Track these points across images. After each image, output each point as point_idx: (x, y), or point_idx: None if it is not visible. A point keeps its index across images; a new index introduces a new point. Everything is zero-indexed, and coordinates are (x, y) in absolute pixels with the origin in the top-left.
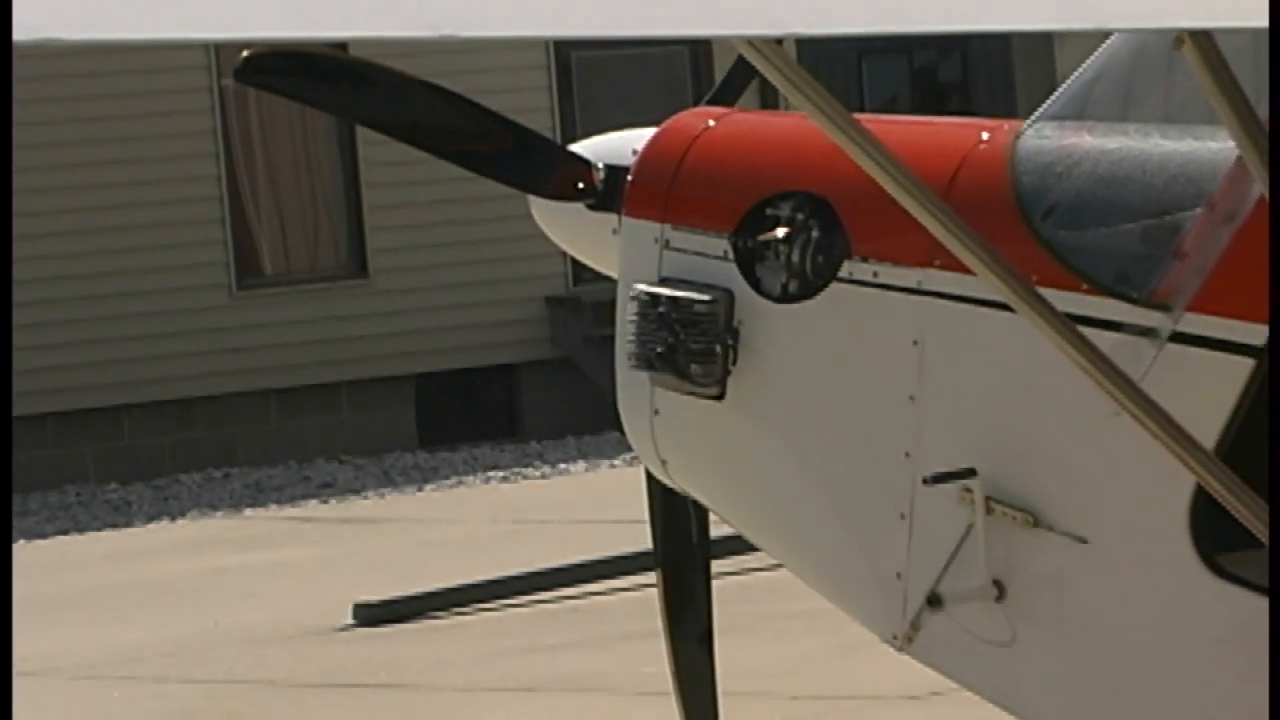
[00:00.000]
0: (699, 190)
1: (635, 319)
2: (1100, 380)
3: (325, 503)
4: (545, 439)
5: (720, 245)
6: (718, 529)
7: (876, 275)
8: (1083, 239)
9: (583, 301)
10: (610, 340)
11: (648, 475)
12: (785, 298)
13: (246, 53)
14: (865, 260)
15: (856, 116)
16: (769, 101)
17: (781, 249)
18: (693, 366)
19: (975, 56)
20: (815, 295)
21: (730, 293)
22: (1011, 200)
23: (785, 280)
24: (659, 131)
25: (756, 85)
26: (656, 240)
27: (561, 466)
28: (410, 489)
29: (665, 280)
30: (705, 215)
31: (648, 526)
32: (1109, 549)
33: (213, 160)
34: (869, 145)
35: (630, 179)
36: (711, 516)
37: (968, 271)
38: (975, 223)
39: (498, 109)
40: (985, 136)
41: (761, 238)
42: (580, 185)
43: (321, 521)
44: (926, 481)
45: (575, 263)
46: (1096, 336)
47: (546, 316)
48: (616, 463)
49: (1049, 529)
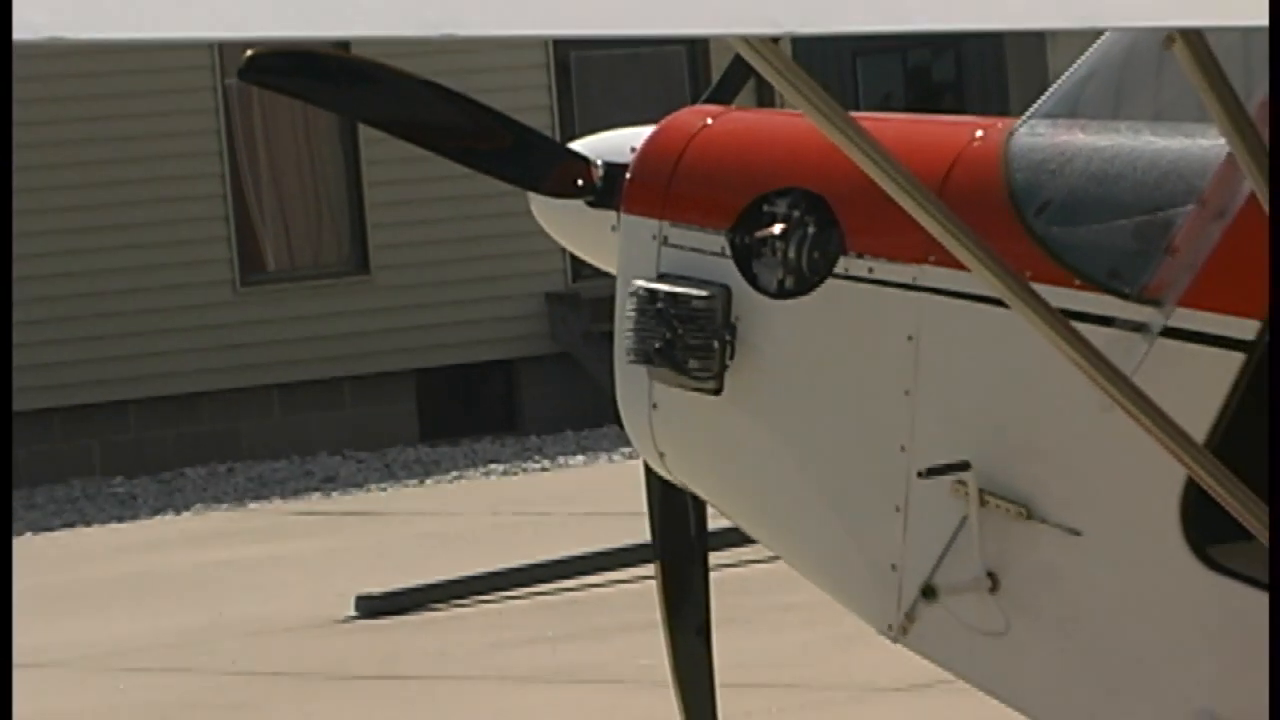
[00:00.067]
0: (697, 187)
1: (634, 314)
2: (1093, 375)
3: (328, 496)
4: (545, 433)
5: (718, 242)
6: (715, 522)
7: (872, 271)
8: (1075, 235)
9: (582, 297)
10: (609, 336)
11: (646, 469)
12: (782, 293)
13: (250, 52)
14: (861, 256)
15: (852, 115)
16: (766, 100)
17: (778, 245)
18: (690, 361)
19: (968, 55)
20: (811, 291)
21: (728, 288)
22: (1005, 197)
23: (782, 276)
24: (657, 129)
25: (753, 84)
26: (655, 237)
27: (561, 460)
28: (411, 483)
29: (663, 276)
30: (703, 212)
31: (646, 519)
32: (1101, 541)
33: (216, 158)
34: (864, 143)
35: (629, 176)
36: (709, 509)
37: (962, 267)
38: (969, 219)
39: (498, 107)
40: (979, 134)
41: (758, 234)
42: (579, 182)
43: (324, 515)
44: (921, 474)
45: (574, 259)
46: (1089, 331)
47: (546, 312)
48: (615, 457)
49: (1042, 521)
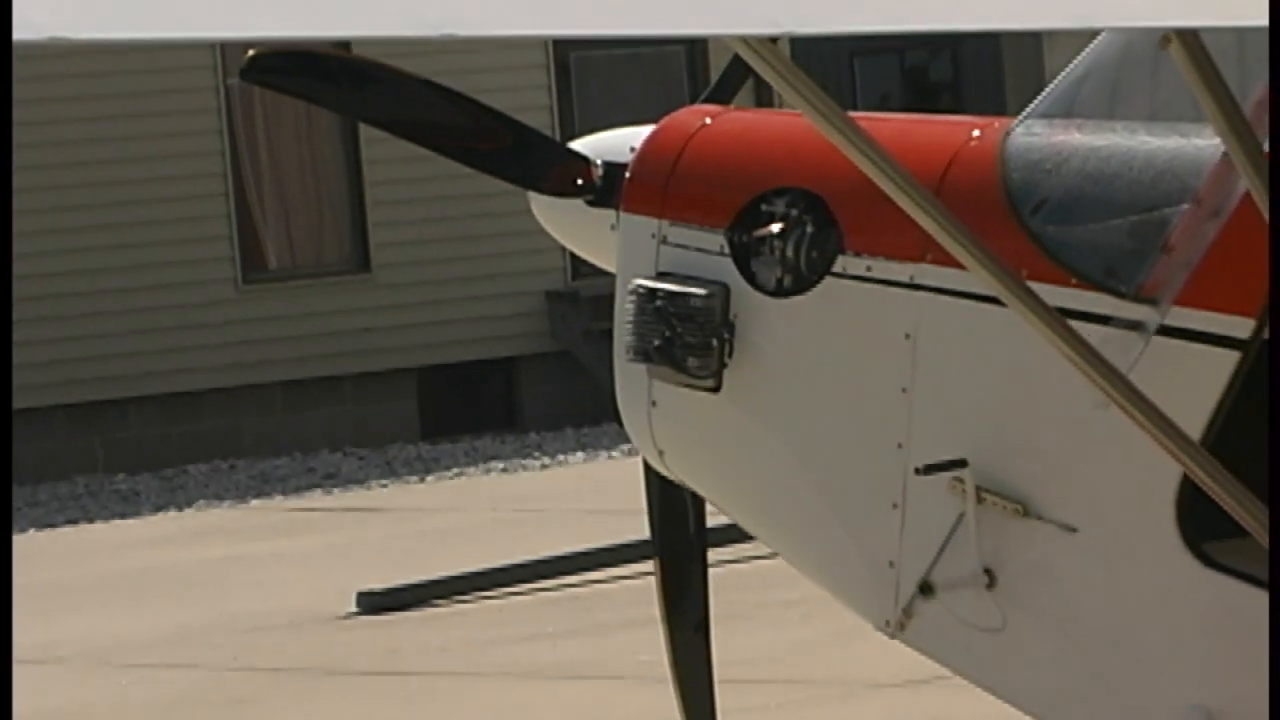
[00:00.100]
0: (695, 186)
1: (633, 313)
2: (1089, 372)
3: (329, 493)
4: (544, 430)
5: (716, 240)
6: (714, 518)
7: (870, 270)
8: (1071, 234)
9: (581, 296)
10: (608, 334)
11: (645, 466)
12: (780, 292)
13: (252, 52)
14: (859, 255)
15: (850, 114)
16: (764, 100)
17: (776, 244)
18: (689, 359)
19: (965, 56)
20: (809, 289)
21: (726, 287)
22: (1002, 196)
23: (780, 275)
24: (656, 129)
25: (752, 84)
26: (654, 236)
27: (560, 457)
28: (412, 479)
29: (662, 275)
30: (702, 211)
31: (645, 516)
32: (1097, 538)
33: (219, 158)
34: (862, 142)
35: (628, 176)
36: (708, 506)
37: (959, 266)
38: (966, 218)
39: (498, 107)
40: (976, 134)
41: (757, 233)
42: (579, 182)
43: (326, 511)
44: (919, 472)
45: (574, 258)
46: (1086, 330)
47: (546, 310)
48: (614, 454)
49: (1039, 518)
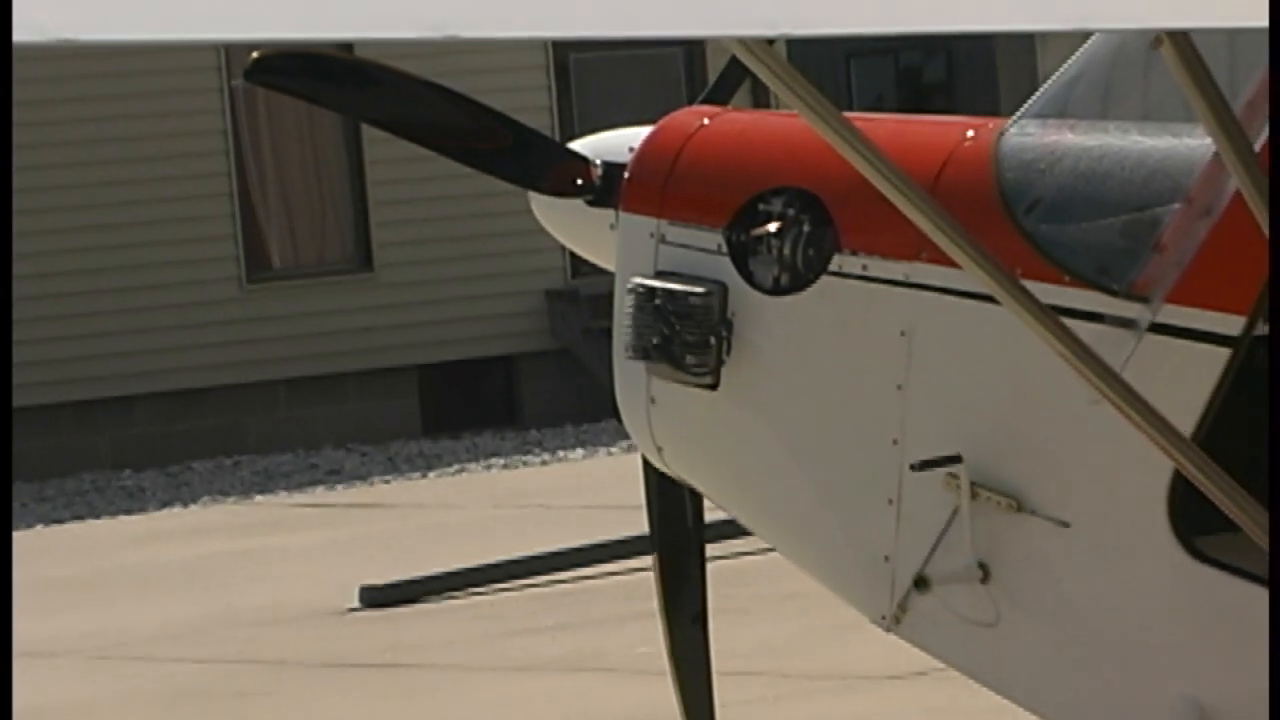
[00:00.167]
0: (694, 186)
1: (632, 311)
2: (1081, 369)
3: (332, 489)
4: (544, 427)
5: (714, 239)
6: (712, 514)
7: (865, 268)
8: (1065, 233)
9: (581, 294)
10: (607, 332)
11: (644, 462)
12: (777, 290)
13: (256, 54)
14: (855, 254)
15: (845, 115)
16: (761, 101)
17: (773, 243)
18: (688, 357)
19: (959, 57)
20: (806, 288)
21: (724, 285)
22: (996, 196)
23: (777, 273)
24: (655, 130)
25: (749, 85)
26: (652, 235)
27: (560, 454)
28: (414, 475)
29: (661, 273)
30: (700, 210)
31: (644, 511)
32: (1090, 532)
33: (223, 158)
34: (858, 142)
35: (627, 176)
36: (706, 502)
37: (954, 265)
38: (961, 217)
39: (498, 108)
40: (970, 134)
41: (754, 232)
42: (579, 182)
43: (328, 507)
44: (914, 468)
45: (574, 257)
46: (1078, 327)
47: (546, 309)
48: (614, 450)
49: (1032, 513)
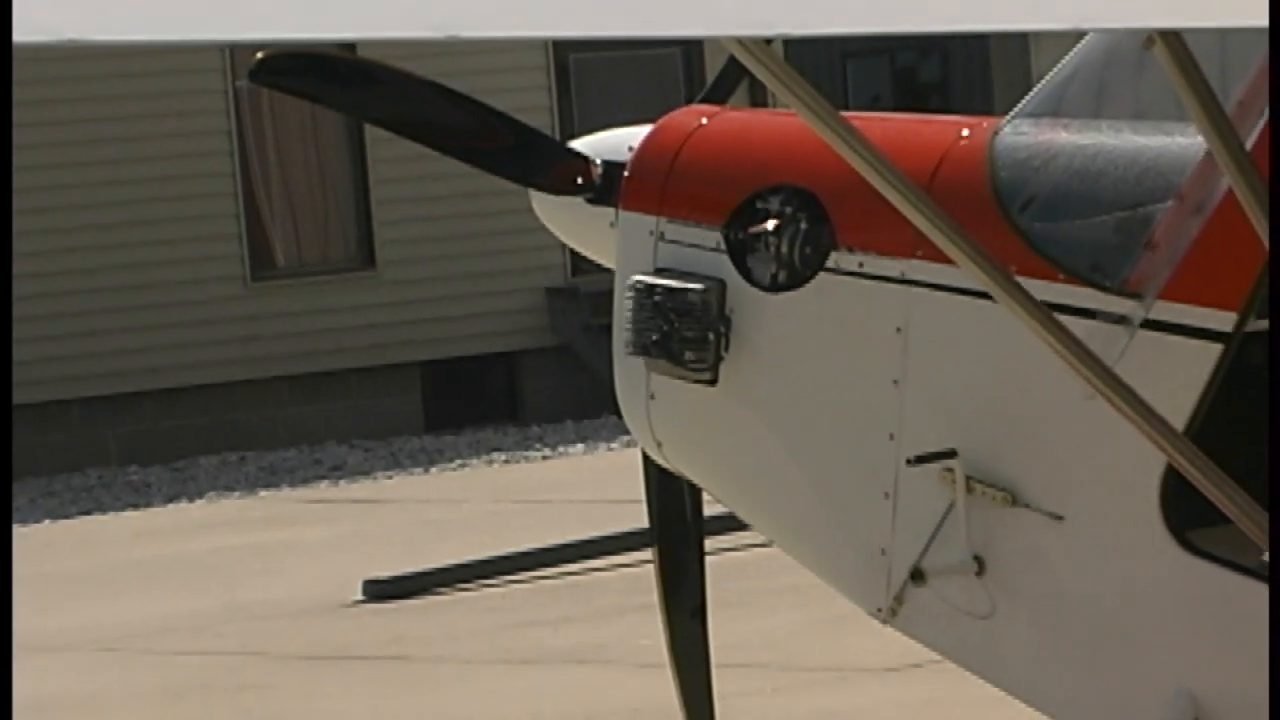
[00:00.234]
0: (692, 185)
1: (632, 308)
2: (1075, 365)
3: (336, 484)
4: (545, 423)
5: (713, 237)
6: (711, 508)
7: (862, 265)
8: (1058, 230)
9: (581, 292)
10: (607, 328)
11: (644, 457)
12: (775, 287)
13: (260, 54)
14: (851, 251)
15: (842, 114)
16: (759, 100)
17: (771, 241)
18: (687, 353)
19: (955, 57)
20: (804, 285)
21: (722, 282)
22: (990, 193)
23: (775, 270)
24: (654, 129)
25: (747, 84)
26: (652, 233)
27: (561, 449)
28: (417, 471)
29: (660, 271)
30: (698, 209)
31: (644, 506)
32: (1084, 526)
33: (227, 158)
34: (855, 141)
35: (627, 174)
36: (705, 496)
37: (949, 262)
38: (956, 215)
39: (500, 108)
40: (965, 133)
41: (752, 230)
42: (579, 180)
43: (332, 502)
44: (910, 462)
45: (574, 254)
46: (1072, 323)
47: (546, 306)
48: (614, 445)
49: (1027, 507)
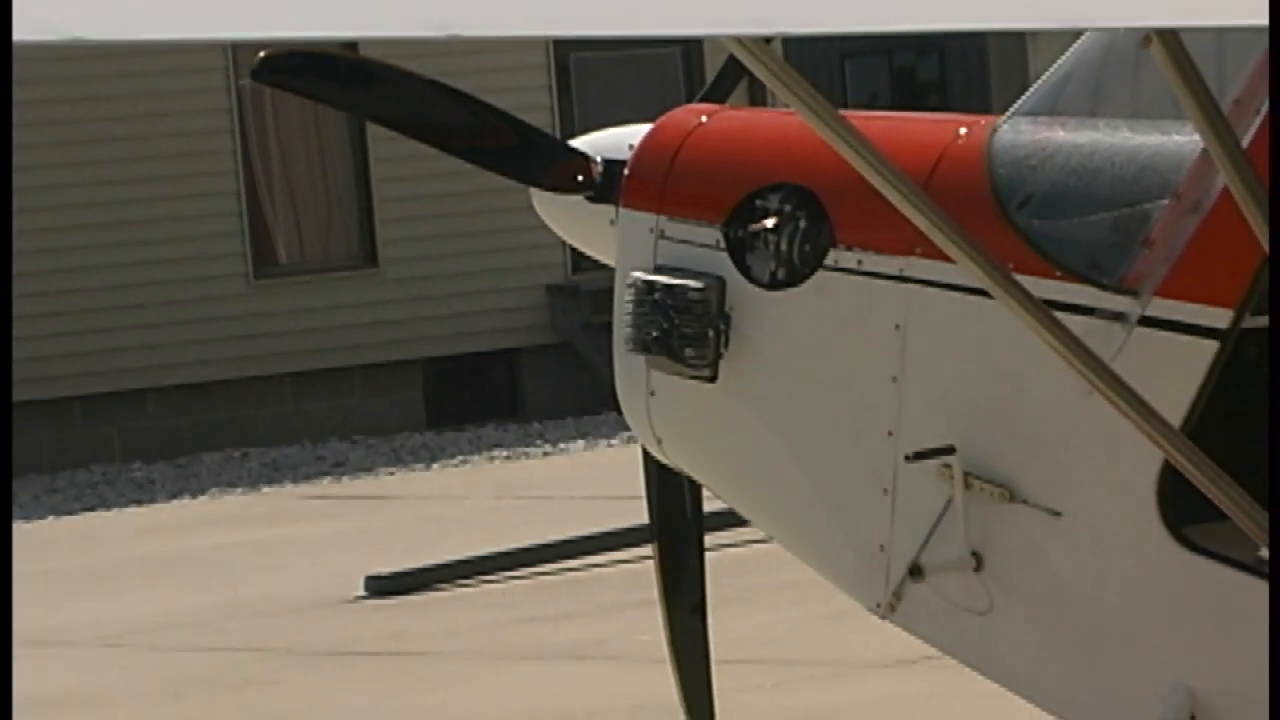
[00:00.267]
0: (692, 183)
1: (632, 305)
2: (1073, 362)
3: (338, 481)
4: (546, 419)
5: (712, 235)
6: (711, 504)
7: (861, 263)
8: (1056, 228)
9: (581, 289)
10: (608, 326)
11: (644, 453)
12: (774, 285)
13: (263, 53)
14: (850, 249)
15: (841, 112)
16: (758, 99)
17: (770, 238)
18: (686, 350)
19: (952, 56)
20: (803, 282)
21: (722, 280)
22: (988, 191)
23: (774, 268)
24: (654, 128)
25: (746, 83)
26: (652, 230)
27: (561, 446)
28: (418, 467)
29: (660, 268)
30: (698, 207)
31: (644, 502)
32: (1081, 522)
33: (230, 156)
34: (853, 139)
35: (627, 173)
36: (705, 492)
37: (948, 259)
38: (954, 213)
39: (501, 107)
40: (963, 131)
41: (751, 228)
42: (580, 178)
43: (334, 498)
44: (908, 458)
45: (575, 252)
46: (1069, 320)
47: (547, 304)
48: (614, 442)
49: (1024, 503)
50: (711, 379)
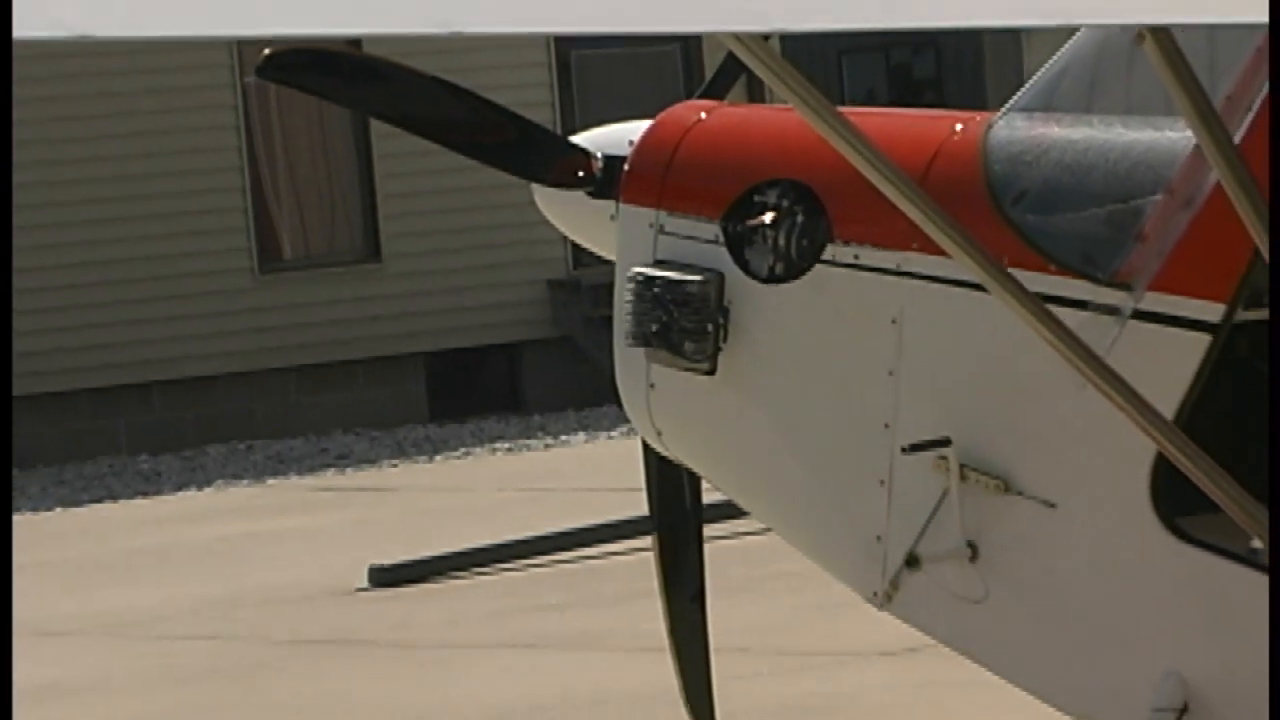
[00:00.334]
0: (691, 178)
1: (632, 299)
2: (1067, 355)
3: (342, 473)
4: (547, 412)
5: (711, 230)
6: (710, 495)
7: (858, 258)
8: (1050, 223)
9: (582, 284)
10: (608, 320)
11: (644, 445)
12: (772, 279)
13: (268, 51)
14: (847, 244)
15: (838, 109)
16: (756, 95)
17: (769, 233)
18: (686, 343)
19: (948, 54)
20: (800, 276)
21: (721, 274)
22: (984, 187)
23: (772, 262)
24: (654, 124)
25: (744, 80)
26: (652, 225)
27: (562, 438)
28: (421, 459)
29: (660, 263)
30: (697, 202)
31: (644, 493)
32: (1075, 513)
33: (236, 153)
34: (850, 135)
35: (627, 168)
36: (704, 484)
37: (943, 254)
38: (950, 208)
39: (502, 103)
40: (959, 128)
41: (750, 223)
42: (580, 174)
43: (338, 490)
44: (905, 450)
45: (575, 247)
46: (1064, 314)
47: (548, 298)
48: (614, 434)
49: (1019, 494)
50: (710, 372)
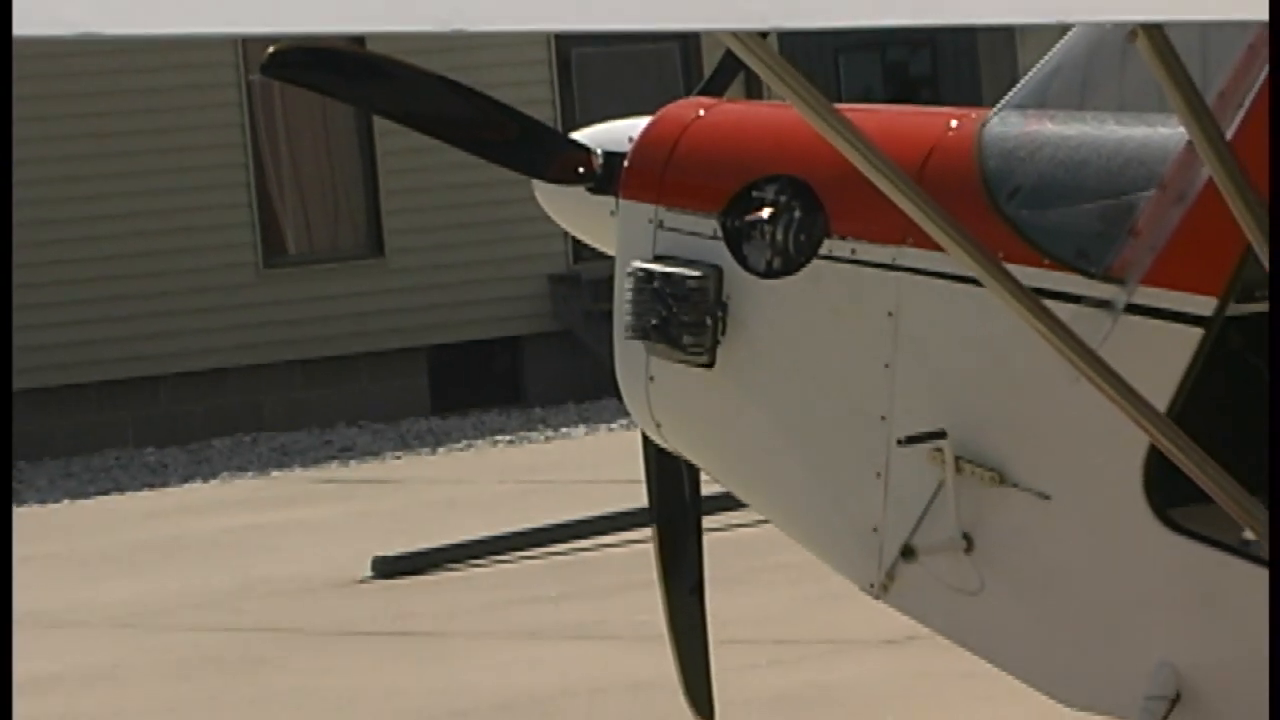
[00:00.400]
0: (690, 174)
1: (632, 293)
2: (1061, 348)
3: (345, 465)
4: (548, 405)
5: (710, 225)
6: (709, 487)
7: (854, 252)
8: (1044, 218)
9: (582, 278)
10: (608, 314)
11: (643, 438)
12: (770, 273)
13: (272, 49)
14: (844, 238)
15: (835, 106)
16: (754, 92)
17: (766, 228)
18: (685, 337)
19: (943, 51)
20: (798, 271)
21: (719, 269)
22: (979, 182)
23: (770, 257)
24: (653, 120)
25: (743, 78)
26: (651, 221)
27: (563, 430)
28: (424, 452)
29: (659, 258)
30: (696, 197)
31: (643, 485)
32: (1069, 504)
33: (240, 149)
34: (847, 132)
35: (627, 164)
36: (703, 476)
37: (939, 248)
38: (945, 203)
39: (504, 101)
40: (954, 124)
41: (748, 218)
42: (581, 170)
43: (342, 482)
44: (901, 442)
45: (576, 242)
46: (1058, 308)
47: (549, 292)
48: (614, 427)
49: (1014, 486)
50: (709, 365)
